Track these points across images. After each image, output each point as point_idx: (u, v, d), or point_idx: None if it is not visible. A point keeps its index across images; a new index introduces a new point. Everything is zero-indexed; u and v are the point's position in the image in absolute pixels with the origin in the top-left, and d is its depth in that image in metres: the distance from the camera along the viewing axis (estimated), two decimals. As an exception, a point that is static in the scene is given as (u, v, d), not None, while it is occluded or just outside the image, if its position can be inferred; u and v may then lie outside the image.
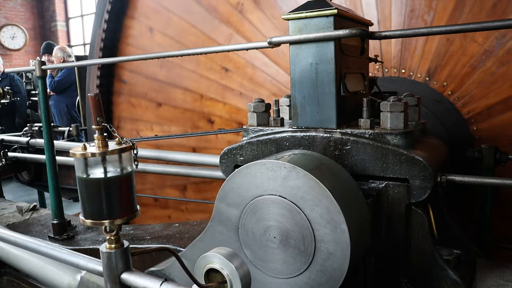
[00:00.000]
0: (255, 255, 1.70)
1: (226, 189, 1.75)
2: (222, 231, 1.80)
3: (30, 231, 3.45)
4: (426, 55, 3.05)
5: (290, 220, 1.59)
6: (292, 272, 1.63)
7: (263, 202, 1.64)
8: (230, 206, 1.75)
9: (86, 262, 1.58)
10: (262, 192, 1.64)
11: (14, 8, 14.49)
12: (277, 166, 1.62)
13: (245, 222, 1.71)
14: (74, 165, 1.32)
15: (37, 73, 3.17)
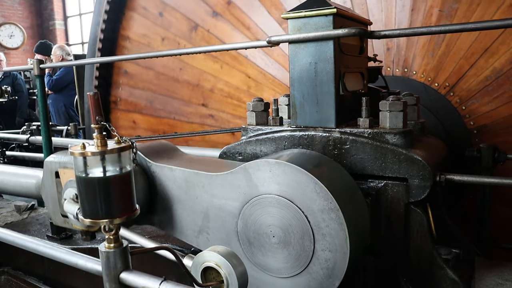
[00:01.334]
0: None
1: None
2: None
3: (28, 230, 3.44)
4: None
5: (289, 219, 1.59)
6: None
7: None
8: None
9: (85, 262, 1.58)
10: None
11: (12, 6, 14.46)
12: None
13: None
14: (73, 164, 1.31)
15: (35, 72, 3.16)
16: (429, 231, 1.82)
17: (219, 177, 1.80)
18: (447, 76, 2.97)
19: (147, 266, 2.61)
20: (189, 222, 1.94)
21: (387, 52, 3.18)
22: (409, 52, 3.10)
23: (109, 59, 4.09)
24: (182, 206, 1.96)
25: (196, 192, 1.88)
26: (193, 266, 1.34)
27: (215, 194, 1.82)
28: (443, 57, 2.98)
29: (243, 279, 1.28)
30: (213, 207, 1.83)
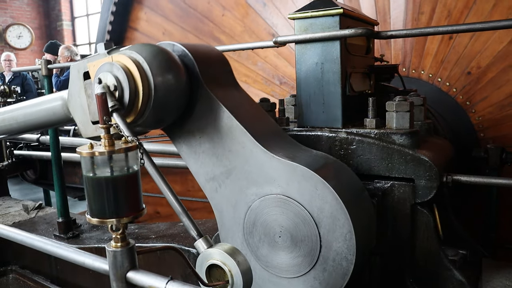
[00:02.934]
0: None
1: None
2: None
3: (35, 229, 3.46)
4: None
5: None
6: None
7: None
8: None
9: (92, 261, 1.59)
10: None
11: (20, 7, 14.56)
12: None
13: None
14: (81, 163, 1.32)
15: (43, 72, 3.19)
16: (435, 232, 1.81)
17: (260, 156, 1.67)
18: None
19: (153, 265, 2.62)
20: (210, 163, 1.79)
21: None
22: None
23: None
24: (212, 146, 1.78)
25: (233, 146, 1.73)
26: (198, 263, 1.34)
27: (249, 164, 1.71)
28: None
29: (247, 276, 1.28)
30: (239, 171, 1.73)
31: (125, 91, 1.56)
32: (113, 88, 1.57)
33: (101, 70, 1.62)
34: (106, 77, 1.59)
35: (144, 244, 2.76)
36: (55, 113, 2.11)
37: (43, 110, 2.18)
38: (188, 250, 2.51)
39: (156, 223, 3.26)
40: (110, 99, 1.52)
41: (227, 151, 1.74)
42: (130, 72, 1.56)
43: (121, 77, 1.56)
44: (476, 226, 2.67)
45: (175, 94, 1.65)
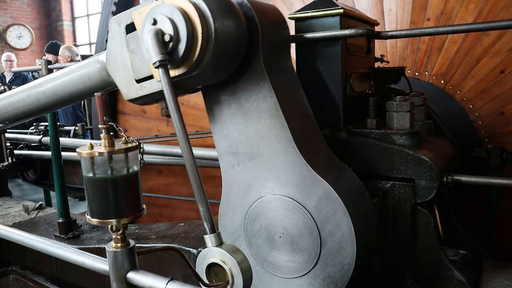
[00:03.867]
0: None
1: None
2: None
3: (36, 230, 3.46)
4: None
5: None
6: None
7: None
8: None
9: (93, 261, 1.59)
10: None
11: (20, 7, 14.56)
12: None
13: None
14: (81, 164, 1.32)
15: (43, 73, 3.18)
16: (436, 232, 1.81)
17: (292, 158, 1.59)
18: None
19: (154, 266, 2.62)
20: (236, 139, 1.70)
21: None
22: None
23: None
24: (245, 124, 1.67)
25: (268, 135, 1.63)
26: (198, 262, 1.34)
27: (277, 160, 1.63)
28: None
29: (247, 275, 1.28)
30: (265, 161, 1.66)
31: (182, 35, 1.37)
32: (170, 32, 1.38)
33: (151, 14, 1.43)
34: (159, 20, 1.41)
35: (145, 245, 2.75)
36: (90, 78, 1.90)
37: (76, 78, 1.95)
38: (188, 250, 2.51)
39: (157, 223, 3.26)
40: (159, 50, 1.35)
41: (259, 136, 1.65)
42: (187, 14, 1.38)
43: (178, 19, 1.37)
44: (477, 226, 2.67)
45: (235, 43, 1.49)
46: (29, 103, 2.16)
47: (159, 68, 1.35)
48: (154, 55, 1.35)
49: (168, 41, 1.38)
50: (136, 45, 1.59)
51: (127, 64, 1.65)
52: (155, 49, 1.36)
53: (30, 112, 2.22)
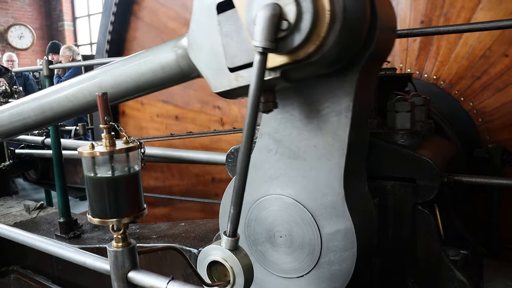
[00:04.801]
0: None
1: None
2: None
3: (37, 229, 3.47)
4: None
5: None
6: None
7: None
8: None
9: (94, 261, 1.59)
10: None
11: (22, 8, 14.58)
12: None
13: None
14: (82, 164, 1.33)
15: (45, 72, 3.19)
16: (437, 232, 1.81)
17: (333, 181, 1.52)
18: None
19: (154, 265, 2.63)
20: (286, 130, 1.58)
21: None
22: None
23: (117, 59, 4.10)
24: (304, 125, 1.55)
25: (321, 147, 1.53)
26: (199, 260, 1.34)
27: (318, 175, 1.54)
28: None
29: (249, 273, 1.28)
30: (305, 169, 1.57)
31: (306, 11, 1.14)
32: (292, 10, 1.14)
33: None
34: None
35: (145, 244, 2.76)
36: (164, 68, 1.63)
37: (144, 67, 1.67)
38: (189, 250, 2.51)
39: (158, 223, 3.27)
40: (270, 34, 1.14)
41: (312, 143, 1.51)
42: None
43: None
44: (478, 226, 2.67)
45: (360, 26, 1.27)
46: (82, 97, 1.87)
47: (259, 55, 1.17)
48: (261, 38, 1.14)
49: (287, 19, 1.16)
50: (232, 26, 1.35)
51: (217, 50, 1.41)
52: (265, 32, 1.14)
53: (81, 110, 1.95)
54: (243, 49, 1.34)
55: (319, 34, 1.17)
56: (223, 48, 1.38)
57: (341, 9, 1.17)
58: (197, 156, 3.25)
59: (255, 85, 1.18)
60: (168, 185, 4.51)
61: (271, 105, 1.38)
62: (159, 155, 3.44)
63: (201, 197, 4.17)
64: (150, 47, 1.71)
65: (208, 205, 4.15)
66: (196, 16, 1.44)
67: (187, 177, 4.35)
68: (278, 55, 1.23)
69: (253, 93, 1.19)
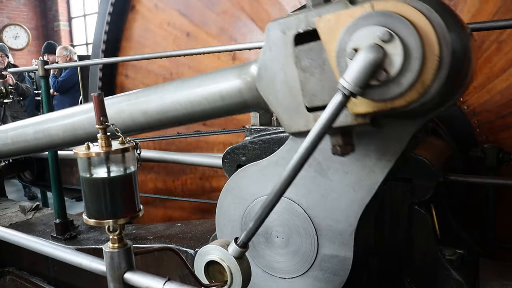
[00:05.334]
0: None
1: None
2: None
3: (33, 230, 3.46)
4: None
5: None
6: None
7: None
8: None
9: (90, 262, 1.59)
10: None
11: (17, 7, 14.53)
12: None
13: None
14: (78, 164, 1.32)
15: (40, 73, 3.18)
16: (433, 232, 1.81)
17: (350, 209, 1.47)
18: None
19: (151, 266, 2.62)
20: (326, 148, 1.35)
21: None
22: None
23: (113, 59, 4.10)
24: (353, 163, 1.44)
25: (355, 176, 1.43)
26: (196, 260, 1.34)
27: (336, 198, 1.51)
28: None
29: (246, 271, 1.28)
30: (327, 185, 1.50)
31: (414, 54, 1.01)
32: (398, 54, 1.01)
33: (359, 24, 1.05)
34: (368, 34, 1.03)
35: (142, 245, 2.76)
36: (223, 97, 1.46)
37: (199, 94, 1.51)
38: (185, 250, 2.51)
39: (154, 223, 3.26)
40: (364, 77, 1.01)
41: (344, 169, 1.42)
42: (417, 27, 1.01)
43: (408, 34, 1.01)
44: (474, 226, 2.67)
45: (466, 66, 1.11)
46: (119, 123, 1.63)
47: (341, 96, 1.02)
48: (352, 80, 1.01)
49: (387, 70, 1.03)
50: (313, 61, 1.21)
51: (293, 86, 1.27)
52: (359, 75, 1.00)
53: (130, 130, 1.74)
54: (325, 87, 1.20)
55: (424, 82, 1.04)
56: (301, 84, 1.25)
57: (449, 51, 1.03)
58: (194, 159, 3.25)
59: (322, 127, 1.06)
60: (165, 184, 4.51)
61: (350, 148, 1.23)
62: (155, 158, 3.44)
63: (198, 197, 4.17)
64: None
65: (206, 205, 4.15)
66: (269, 44, 1.29)
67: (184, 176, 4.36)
68: (370, 101, 1.10)
69: (316, 134, 1.07)
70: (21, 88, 7.70)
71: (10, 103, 6.77)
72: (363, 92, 1.04)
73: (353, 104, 1.12)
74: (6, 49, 8.49)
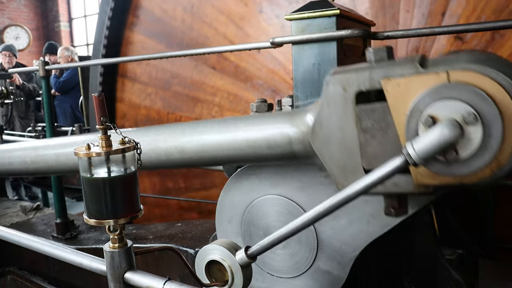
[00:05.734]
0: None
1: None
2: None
3: (33, 230, 3.46)
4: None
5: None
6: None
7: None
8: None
9: (90, 262, 1.59)
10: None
11: (17, 8, 14.53)
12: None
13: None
14: (78, 164, 1.33)
15: (41, 73, 3.18)
16: (432, 232, 1.82)
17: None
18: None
19: (151, 266, 2.63)
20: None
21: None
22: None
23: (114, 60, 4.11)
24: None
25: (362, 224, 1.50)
26: (197, 260, 1.34)
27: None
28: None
29: (247, 272, 1.29)
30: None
31: (493, 136, 0.97)
32: (476, 133, 0.97)
33: (442, 95, 1.01)
34: (450, 108, 0.99)
35: (142, 245, 2.76)
36: (270, 145, 1.39)
37: (243, 139, 1.44)
38: (185, 250, 2.52)
39: (154, 223, 3.27)
40: (436, 153, 0.98)
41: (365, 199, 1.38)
42: (498, 104, 0.96)
43: (490, 115, 0.96)
44: (473, 226, 2.67)
45: None
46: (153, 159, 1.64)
47: (402, 163, 1.00)
48: (420, 151, 0.97)
49: (458, 151, 0.99)
50: (375, 123, 1.15)
51: (351, 146, 1.21)
52: (429, 148, 0.96)
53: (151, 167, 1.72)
54: (386, 151, 1.15)
55: (500, 161, 0.99)
56: (360, 145, 1.19)
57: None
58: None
59: (370, 183, 1.04)
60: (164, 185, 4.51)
61: (404, 211, 1.22)
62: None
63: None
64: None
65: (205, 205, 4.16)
66: (328, 99, 1.23)
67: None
68: (436, 175, 1.06)
69: (362, 188, 1.05)
70: (28, 88, 7.71)
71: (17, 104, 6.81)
72: (426, 164, 1.01)
73: (417, 173, 1.09)
74: (15, 48, 8.51)
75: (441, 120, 0.99)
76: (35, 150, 2.06)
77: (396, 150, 1.10)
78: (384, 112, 1.13)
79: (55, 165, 1.92)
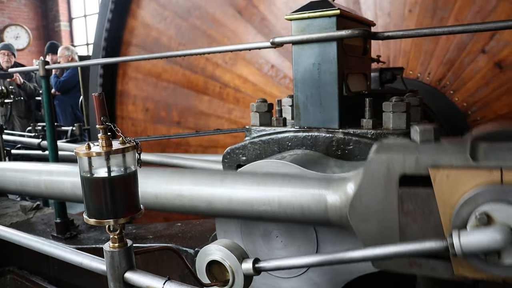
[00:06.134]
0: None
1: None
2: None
3: (33, 230, 3.46)
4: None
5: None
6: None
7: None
8: None
9: (90, 261, 1.59)
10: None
11: (17, 8, 14.55)
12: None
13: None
14: (78, 164, 1.33)
15: (41, 73, 3.18)
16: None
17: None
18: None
19: (151, 265, 2.63)
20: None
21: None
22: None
23: (114, 60, 4.10)
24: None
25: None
26: (198, 260, 1.35)
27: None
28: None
29: (249, 279, 1.29)
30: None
31: None
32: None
33: (499, 197, 0.98)
34: (508, 214, 0.96)
35: (142, 245, 2.76)
36: (304, 211, 1.35)
37: (276, 199, 1.40)
38: (185, 250, 2.51)
39: (154, 223, 3.26)
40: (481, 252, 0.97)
41: None
42: None
43: None
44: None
45: None
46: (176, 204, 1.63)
47: (440, 245, 1.00)
48: (467, 245, 0.96)
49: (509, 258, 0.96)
50: (417, 208, 1.12)
51: (390, 226, 1.18)
52: (476, 245, 0.95)
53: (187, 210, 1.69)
54: (426, 236, 1.12)
55: None
56: (400, 227, 1.16)
57: None
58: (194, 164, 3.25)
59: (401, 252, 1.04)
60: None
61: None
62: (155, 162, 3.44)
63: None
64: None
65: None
66: (369, 176, 1.20)
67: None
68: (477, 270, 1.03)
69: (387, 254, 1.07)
70: (29, 88, 7.73)
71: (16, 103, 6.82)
72: (465, 256, 0.99)
73: (458, 264, 1.06)
74: (13, 47, 8.53)
75: (496, 223, 0.97)
76: (50, 175, 2.07)
77: (435, 234, 1.09)
78: (428, 198, 1.10)
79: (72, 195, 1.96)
